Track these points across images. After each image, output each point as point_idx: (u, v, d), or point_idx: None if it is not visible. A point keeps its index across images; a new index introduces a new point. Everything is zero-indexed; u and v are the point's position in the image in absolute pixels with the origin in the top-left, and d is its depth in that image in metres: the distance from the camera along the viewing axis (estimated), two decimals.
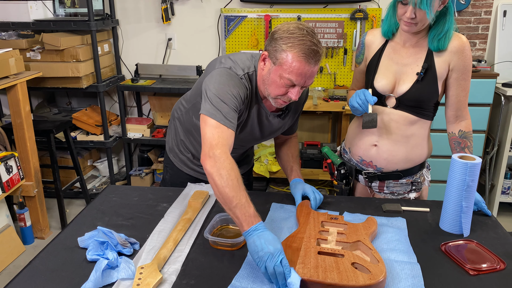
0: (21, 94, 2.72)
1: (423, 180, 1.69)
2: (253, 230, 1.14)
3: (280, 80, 1.35)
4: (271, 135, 1.66)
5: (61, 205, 3.10)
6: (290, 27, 1.33)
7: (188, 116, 1.65)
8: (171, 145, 1.78)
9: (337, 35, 3.25)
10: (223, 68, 1.42)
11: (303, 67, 1.31)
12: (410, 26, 1.45)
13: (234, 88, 1.38)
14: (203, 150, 1.29)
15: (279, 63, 1.33)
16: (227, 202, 1.19)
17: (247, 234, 1.15)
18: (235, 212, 1.18)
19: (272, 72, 1.36)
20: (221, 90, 1.36)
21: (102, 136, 3.38)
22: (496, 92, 3.03)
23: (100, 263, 1.12)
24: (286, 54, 1.31)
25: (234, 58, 1.47)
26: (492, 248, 1.26)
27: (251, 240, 1.13)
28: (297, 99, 1.39)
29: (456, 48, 1.50)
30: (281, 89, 1.37)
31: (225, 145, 1.28)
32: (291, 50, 1.30)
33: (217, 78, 1.39)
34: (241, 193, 1.20)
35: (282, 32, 1.33)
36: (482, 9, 3.18)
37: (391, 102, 1.59)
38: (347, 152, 1.76)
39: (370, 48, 1.65)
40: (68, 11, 3.34)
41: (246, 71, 1.44)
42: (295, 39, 1.30)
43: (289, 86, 1.36)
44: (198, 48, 3.46)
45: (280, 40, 1.33)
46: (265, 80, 1.41)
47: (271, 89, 1.39)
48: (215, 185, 1.22)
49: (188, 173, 1.74)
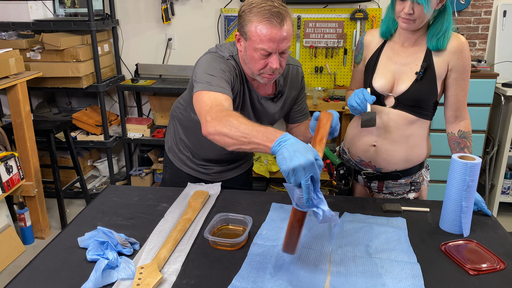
0: (21, 94, 2.72)
1: (422, 180, 1.69)
2: (278, 143, 1.02)
3: (255, 53, 1.35)
4: (268, 122, 1.64)
5: (61, 205, 3.10)
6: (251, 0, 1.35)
7: (186, 113, 1.65)
8: (170, 144, 1.79)
9: (337, 35, 3.25)
10: (208, 53, 1.45)
11: (269, 32, 1.31)
12: (409, 23, 1.45)
13: (221, 65, 1.40)
14: (202, 121, 1.23)
15: (249, 37, 1.35)
16: (246, 137, 1.09)
17: (274, 148, 1.02)
18: (257, 138, 1.07)
19: (248, 49, 1.37)
20: (208, 68, 1.38)
21: (102, 136, 3.38)
22: (496, 92, 3.03)
23: (100, 263, 1.12)
24: (251, 25, 1.33)
25: (219, 45, 1.51)
26: (492, 248, 1.26)
27: (279, 153, 1.00)
28: (278, 66, 1.36)
29: (455, 48, 1.50)
30: (260, 62, 1.37)
31: (220, 109, 1.21)
32: (254, 20, 1.32)
33: (203, 62, 1.42)
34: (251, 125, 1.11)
35: (245, 5, 1.35)
36: (482, 9, 3.18)
37: (390, 101, 1.59)
38: (346, 152, 1.76)
39: (368, 48, 1.65)
40: (68, 11, 3.34)
41: (230, 53, 1.46)
42: (256, 8, 1.32)
43: (266, 56, 1.36)
44: (198, 48, 3.46)
45: (243, 14, 1.35)
46: (244, 59, 1.42)
47: (252, 66, 1.40)
48: (226, 136, 1.12)
49: (187, 172, 1.74)
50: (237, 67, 1.46)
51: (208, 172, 1.74)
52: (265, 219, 1.43)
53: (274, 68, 1.37)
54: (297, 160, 0.96)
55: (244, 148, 1.12)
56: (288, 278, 1.13)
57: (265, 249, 1.25)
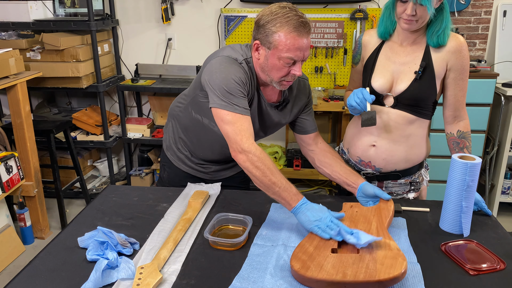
0: (21, 94, 2.72)
1: (422, 180, 1.69)
2: (300, 205, 1.30)
3: (279, 62, 1.38)
4: (271, 129, 1.66)
5: (61, 205, 3.10)
6: (272, 9, 1.38)
7: (187, 112, 1.65)
8: (168, 143, 1.78)
9: (337, 35, 3.25)
10: (222, 56, 1.46)
11: (298, 41, 1.35)
12: (411, 24, 1.45)
13: (236, 75, 1.41)
14: (231, 146, 1.37)
15: (274, 46, 1.36)
16: (271, 188, 1.32)
17: (296, 209, 1.30)
18: (281, 194, 1.31)
19: (270, 57, 1.39)
20: (225, 79, 1.39)
21: (102, 136, 3.38)
22: (496, 92, 3.03)
23: (100, 263, 1.12)
24: (278, 35, 1.35)
25: (232, 46, 1.51)
26: (492, 248, 1.26)
27: (301, 213, 1.29)
28: (301, 73, 1.42)
29: (454, 48, 1.50)
30: (283, 70, 1.40)
31: (249, 136, 1.36)
32: (282, 29, 1.34)
33: (217, 67, 1.43)
34: (280, 176, 1.33)
35: (266, 16, 1.37)
36: (482, 9, 3.18)
37: (389, 101, 1.59)
38: (345, 152, 1.76)
39: (366, 48, 1.65)
40: (68, 11, 3.34)
41: (244, 57, 1.46)
42: (281, 18, 1.34)
43: (290, 65, 1.39)
44: (198, 48, 3.46)
45: (267, 24, 1.36)
46: (264, 67, 1.43)
47: (273, 74, 1.42)
48: (255, 177, 1.33)
49: (186, 171, 1.74)
50: (250, 71, 1.47)
51: (207, 171, 1.74)
52: (265, 219, 1.43)
53: (297, 75, 1.42)
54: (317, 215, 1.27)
55: (267, 192, 1.35)
56: (288, 278, 1.13)
57: (265, 249, 1.25)
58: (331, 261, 1.13)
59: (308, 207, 1.29)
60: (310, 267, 1.11)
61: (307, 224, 1.27)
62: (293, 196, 1.31)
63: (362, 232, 1.18)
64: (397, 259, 1.10)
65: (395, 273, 1.05)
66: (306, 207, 1.29)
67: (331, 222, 1.24)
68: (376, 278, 1.04)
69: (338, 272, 1.08)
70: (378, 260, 1.10)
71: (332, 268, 1.10)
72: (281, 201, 1.33)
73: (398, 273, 1.05)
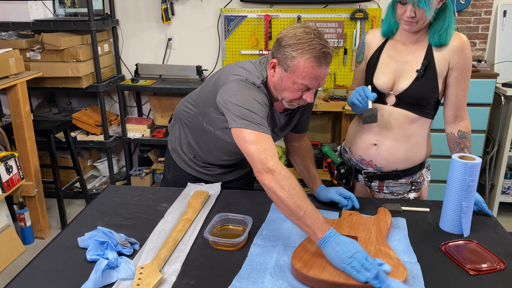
0: (21, 94, 2.72)
1: (423, 180, 1.69)
2: (328, 237, 1.13)
3: (294, 86, 1.36)
4: (280, 135, 1.66)
5: (61, 205, 3.10)
6: (297, 32, 1.32)
7: (196, 120, 1.62)
8: (174, 145, 1.77)
9: (337, 35, 3.25)
10: (239, 80, 1.40)
11: (316, 71, 1.31)
12: (411, 25, 1.46)
13: (258, 96, 1.38)
14: (255, 167, 1.26)
15: (291, 70, 1.33)
16: (295, 212, 1.17)
17: (323, 241, 1.13)
18: (305, 221, 1.16)
19: (285, 78, 1.36)
20: (245, 101, 1.35)
21: (102, 136, 3.38)
22: (496, 92, 3.03)
23: (100, 263, 1.12)
24: (298, 61, 1.31)
25: (245, 66, 1.45)
26: (492, 248, 1.26)
27: (330, 247, 1.12)
28: (313, 100, 1.40)
29: (456, 47, 1.50)
30: (296, 94, 1.38)
31: (274, 155, 1.26)
32: (302, 56, 1.30)
33: (236, 89, 1.38)
34: (306, 200, 1.19)
35: (289, 38, 1.32)
36: (482, 9, 3.18)
37: (391, 100, 1.59)
38: (347, 151, 1.76)
39: (369, 47, 1.65)
40: (68, 11, 3.34)
41: (261, 79, 1.43)
42: (304, 44, 1.30)
43: (303, 90, 1.37)
44: (198, 48, 3.46)
45: (288, 47, 1.32)
46: (277, 86, 1.41)
47: (286, 95, 1.40)
48: (279, 198, 1.19)
49: (190, 173, 1.74)
50: (267, 92, 1.45)
51: (211, 173, 1.73)
52: (265, 219, 1.43)
53: (308, 102, 1.40)
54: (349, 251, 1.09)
55: (290, 218, 1.20)
56: (288, 278, 1.13)
57: (265, 249, 1.25)
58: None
59: (338, 240, 1.12)
60: (312, 267, 1.11)
61: (338, 262, 1.10)
62: (320, 224, 1.15)
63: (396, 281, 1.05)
64: (398, 268, 1.10)
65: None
66: (336, 240, 1.12)
67: (366, 260, 1.08)
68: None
69: (341, 274, 1.08)
70: None
71: (334, 269, 1.10)
72: (305, 230, 1.17)
73: (400, 280, 1.05)
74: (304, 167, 1.69)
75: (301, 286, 1.10)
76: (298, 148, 1.74)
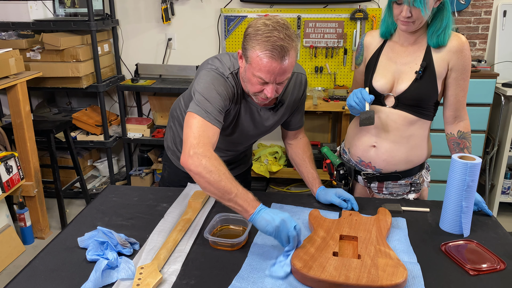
0: (21, 94, 2.72)
1: (422, 181, 1.69)
2: (259, 210, 1.20)
3: (253, 78, 1.34)
4: (268, 131, 1.65)
5: (61, 205, 3.10)
6: (258, 23, 1.31)
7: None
8: (169, 143, 1.79)
9: (337, 35, 3.25)
10: (210, 69, 1.43)
11: (269, 65, 1.28)
12: (408, 25, 1.46)
13: (219, 88, 1.39)
14: (184, 151, 1.28)
15: (249, 62, 1.33)
16: (226, 194, 1.22)
17: (254, 216, 1.20)
18: (237, 201, 1.21)
19: (247, 70, 1.36)
20: (206, 89, 1.37)
21: (102, 136, 3.38)
22: (496, 92, 3.03)
23: (100, 263, 1.12)
24: (254, 52, 1.30)
25: (221, 58, 1.47)
26: (492, 248, 1.26)
27: (259, 218, 1.19)
28: (273, 96, 1.36)
29: (455, 48, 1.50)
30: (256, 87, 1.36)
31: (207, 143, 1.28)
32: (258, 48, 1.28)
33: (203, 78, 1.41)
34: (235, 182, 1.24)
35: (251, 29, 1.32)
36: (482, 9, 3.18)
37: (390, 101, 1.59)
38: (346, 152, 1.76)
39: (368, 49, 1.65)
40: (68, 11, 3.34)
41: (231, 69, 1.44)
42: (261, 36, 1.28)
43: (262, 84, 1.35)
44: (198, 48, 3.46)
45: (248, 38, 1.32)
46: (243, 78, 1.41)
47: (249, 87, 1.39)
48: (208, 183, 1.23)
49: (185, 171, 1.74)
50: (235, 84, 1.45)
51: None
52: None
53: (268, 97, 1.37)
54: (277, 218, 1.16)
55: (221, 200, 1.25)
56: (288, 278, 1.13)
57: (265, 249, 1.25)
58: (333, 263, 1.13)
59: (267, 211, 1.20)
60: (312, 267, 1.11)
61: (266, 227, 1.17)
62: (250, 202, 1.21)
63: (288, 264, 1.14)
64: (398, 268, 1.11)
65: (397, 280, 1.06)
66: (265, 211, 1.19)
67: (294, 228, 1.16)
68: (379, 284, 1.05)
69: (340, 274, 1.09)
70: (379, 267, 1.11)
71: (334, 270, 1.10)
72: (237, 209, 1.23)
73: (400, 280, 1.06)
74: (303, 167, 1.68)
75: (301, 286, 1.10)
76: (296, 147, 1.72)
